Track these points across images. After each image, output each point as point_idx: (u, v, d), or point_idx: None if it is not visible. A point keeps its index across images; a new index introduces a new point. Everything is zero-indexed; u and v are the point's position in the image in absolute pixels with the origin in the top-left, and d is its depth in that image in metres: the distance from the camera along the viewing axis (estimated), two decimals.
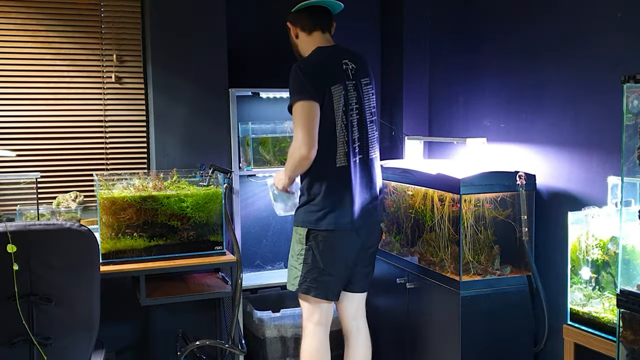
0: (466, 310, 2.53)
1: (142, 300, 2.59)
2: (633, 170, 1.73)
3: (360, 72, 2.57)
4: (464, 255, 2.60)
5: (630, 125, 1.73)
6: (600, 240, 2.12)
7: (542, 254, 2.63)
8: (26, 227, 1.98)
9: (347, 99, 2.51)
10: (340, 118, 2.48)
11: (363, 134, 2.56)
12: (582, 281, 2.19)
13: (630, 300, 1.73)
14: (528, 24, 2.73)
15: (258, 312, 3.19)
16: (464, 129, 3.21)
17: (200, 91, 3.14)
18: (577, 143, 2.48)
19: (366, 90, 2.59)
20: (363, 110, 2.56)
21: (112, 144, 3.13)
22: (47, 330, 2.07)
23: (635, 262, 1.82)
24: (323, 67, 2.51)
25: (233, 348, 2.79)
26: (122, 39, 3.11)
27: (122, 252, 2.61)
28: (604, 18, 2.33)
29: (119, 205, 2.60)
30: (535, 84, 2.70)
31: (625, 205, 1.85)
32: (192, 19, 3.10)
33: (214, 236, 2.76)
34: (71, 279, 2.08)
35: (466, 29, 3.18)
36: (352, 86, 2.53)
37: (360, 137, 2.54)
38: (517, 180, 2.56)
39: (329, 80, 2.47)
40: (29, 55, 2.96)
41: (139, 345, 3.18)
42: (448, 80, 3.34)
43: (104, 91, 3.10)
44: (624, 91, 1.73)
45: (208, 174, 2.83)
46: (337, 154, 2.48)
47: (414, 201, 2.95)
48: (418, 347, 2.85)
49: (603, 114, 2.34)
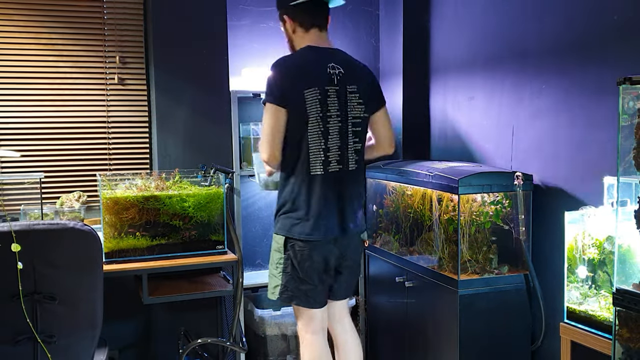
0: (464, 308, 2.53)
1: (145, 298, 2.59)
2: (629, 171, 1.73)
3: (348, 78, 2.39)
4: (462, 254, 2.60)
5: (626, 126, 1.73)
6: (596, 239, 2.12)
7: (539, 253, 2.63)
8: (30, 227, 1.98)
9: (324, 105, 2.35)
10: (317, 124, 2.34)
11: (344, 144, 2.39)
12: (578, 280, 2.19)
13: (626, 299, 1.73)
14: (526, 25, 2.73)
15: (259, 310, 3.19)
16: None
17: (201, 92, 3.14)
18: (574, 144, 2.48)
19: (350, 98, 2.39)
20: (345, 118, 2.39)
21: (115, 145, 3.13)
22: (51, 328, 2.06)
23: (630, 261, 1.82)
24: (300, 69, 2.36)
25: (234, 346, 2.79)
26: (125, 41, 3.11)
27: (125, 251, 2.61)
28: (601, 21, 2.33)
29: (122, 205, 2.59)
30: (533, 85, 2.70)
31: (621, 205, 1.85)
32: (193, 21, 3.10)
33: (216, 235, 2.76)
34: (75, 277, 2.08)
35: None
36: (333, 91, 2.36)
37: (340, 147, 2.38)
38: (515, 180, 2.56)
39: (302, 84, 2.32)
40: (33, 57, 2.97)
41: (141, 343, 3.18)
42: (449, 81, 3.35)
43: (107, 93, 3.10)
44: (619, 93, 1.73)
45: (209, 174, 2.84)
46: (311, 162, 2.35)
47: (412, 201, 2.95)
48: (417, 345, 2.85)
49: (599, 115, 2.34)
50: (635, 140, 1.69)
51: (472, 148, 3.10)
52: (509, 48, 2.84)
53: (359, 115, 2.42)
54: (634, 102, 1.71)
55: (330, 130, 2.36)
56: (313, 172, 2.35)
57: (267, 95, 2.34)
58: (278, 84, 2.32)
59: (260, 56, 3.46)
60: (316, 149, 2.35)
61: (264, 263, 3.55)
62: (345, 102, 2.38)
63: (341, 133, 2.38)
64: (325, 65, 2.37)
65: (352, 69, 2.43)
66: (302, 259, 2.38)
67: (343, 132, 2.39)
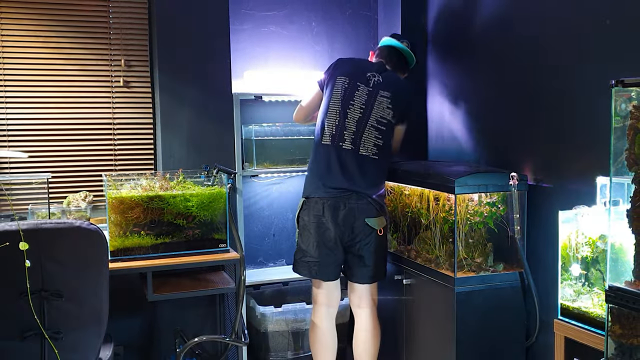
0: (461, 305, 2.53)
1: (149, 296, 2.59)
2: (621, 171, 1.73)
3: (383, 85, 2.78)
4: (459, 253, 2.60)
5: (618, 128, 1.73)
6: (589, 238, 2.12)
7: (533, 251, 2.63)
8: (38, 226, 1.98)
9: (349, 93, 2.75)
10: (337, 104, 2.75)
11: (359, 131, 2.72)
12: (572, 277, 2.19)
13: (618, 296, 1.73)
14: (522, 26, 2.73)
15: (260, 307, 3.19)
16: None
17: (205, 95, 3.13)
18: (568, 145, 2.48)
19: (380, 100, 2.75)
20: (369, 114, 2.73)
21: (121, 146, 3.13)
22: (58, 324, 2.06)
23: (623, 259, 1.82)
24: (348, 64, 2.86)
25: (235, 341, 2.79)
26: (130, 45, 3.11)
27: (130, 249, 2.61)
28: (594, 24, 2.33)
29: (127, 205, 2.59)
30: (529, 87, 2.69)
31: (613, 205, 1.85)
32: (196, 25, 3.10)
33: (218, 234, 2.76)
34: (81, 275, 2.09)
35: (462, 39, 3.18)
36: (364, 89, 2.76)
37: (355, 132, 2.72)
38: (510, 181, 2.56)
39: (340, 72, 2.81)
40: (41, 61, 2.97)
41: (145, 339, 3.18)
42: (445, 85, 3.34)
43: (113, 95, 3.10)
44: (612, 95, 1.72)
45: (212, 175, 2.84)
46: (324, 133, 2.75)
47: (410, 200, 2.95)
48: (414, 341, 2.85)
49: (592, 117, 2.34)
50: (628, 141, 1.69)
51: (468, 149, 3.10)
52: (503, 53, 2.84)
53: (385, 117, 2.76)
54: (626, 104, 1.71)
55: (348, 116, 2.74)
56: (324, 142, 2.75)
57: (320, 79, 2.90)
58: (328, 72, 2.87)
59: (262, 59, 3.47)
60: (330, 123, 2.75)
61: (265, 261, 3.55)
62: (373, 102, 2.75)
63: (360, 122, 2.73)
64: (367, 71, 2.81)
65: (392, 82, 2.82)
66: (302, 228, 2.76)
67: (362, 123, 2.73)
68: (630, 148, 1.68)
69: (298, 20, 3.54)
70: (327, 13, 3.60)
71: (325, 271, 2.74)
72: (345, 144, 2.71)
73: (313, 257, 2.72)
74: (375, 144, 2.73)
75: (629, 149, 1.68)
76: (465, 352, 2.54)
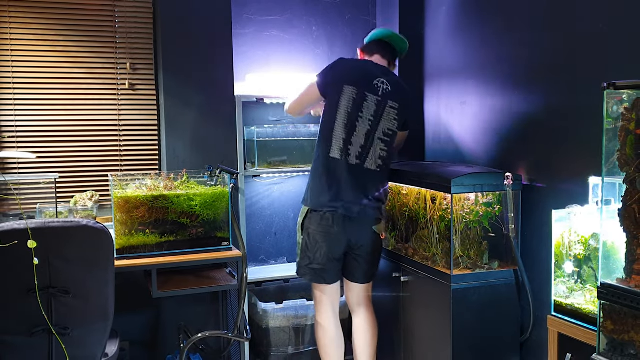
0: (457, 302, 2.53)
1: (154, 292, 2.59)
2: (613, 171, 1.73)
3: (392, 95, 2.65)
4: (455, 251, 2.60)
5: (610, 129, 1.73)
6: (582, 236, 2.12)
7: (528, 249, 2.63)
8: (46, 224, 1.98)
9: (357, 104, 2.61)
10: (343, 116, 2.60)
11: (367, 144, 2.63)
12: (565, 275, 2.19)
13: (610, 293, 1.73)
14: (520, 25, 2.73)
15: (262, 303, 3.19)
16: None
17: (208, 97, 3.13)
18: (561, 145, 2.48)
19: (389, 111, 2.65)
20: (376, 126, 2.63)
21: (126, 147, 3.13)
22: (65, 320, 2.07)
23: (614, 257, 1.82)
24: (352, 69, 2.68)
25: (238, 337, 2.79)
26: (135, 48, 3.11)
27: (135, 247, 2.61)
28: (588, 29, 2.33)
29: (133, 204, 2.60)
30: (524, 90, 2.69)
31: (605, 204, 1.85)
32: (200, 29, 3.10)
33: (221, 233, 2.76)
34: (88, 272, 2.09)
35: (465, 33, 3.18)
36: (372, 99, 2.62)
37: (363, 146, 2.62)
38: (505, 180, 2.56)
39: (346, 80, 2.62)
40: (48, 64, 2.97)
41: (150, 334, 3.18)
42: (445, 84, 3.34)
43: (118, 97, 3.10)
44: (604, 97, 1.73)
45: (215, 175, 2.84)
46: (332, 146, 2.62)
47: (407, 200, 2.95)
48: (411, 337, 2.85)
49: (585, 119, 2.34)
50: (619, 142, 1.69)
51: (464, 150, 3.10)
52: (498, 55, 2.84)
53: (391, 128, 2.68)
54: (617, 107, 1.71)
55: (357, 129, 2.61)
56: (332, 155, 2.63)
57: (318, 76, 2.70)
58: (330, 73, 2.68)
59: (264, 62, 3.47)
60: (337, 137, 2.62)
61: (267, 259, 3.55)
62: (382, 112, 2.64)
63: (368, 135, 2.63)
64: (375, 76, 2.66)
65: (400, 91, 2.70)
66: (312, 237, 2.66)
67: (370, 136, 2.63)
68: (622, 149, 1.68)
69: (299, 24, 3.54)
70: (327, 17, 3.60)
71: (330, 275, 2.72)
72: (352, 158, 2.62)
73: (320, 265, 2.68)
74: (380, 155, 2.67)
75: (621, 150, 1.68)
76: (461, 347, 2.54)
